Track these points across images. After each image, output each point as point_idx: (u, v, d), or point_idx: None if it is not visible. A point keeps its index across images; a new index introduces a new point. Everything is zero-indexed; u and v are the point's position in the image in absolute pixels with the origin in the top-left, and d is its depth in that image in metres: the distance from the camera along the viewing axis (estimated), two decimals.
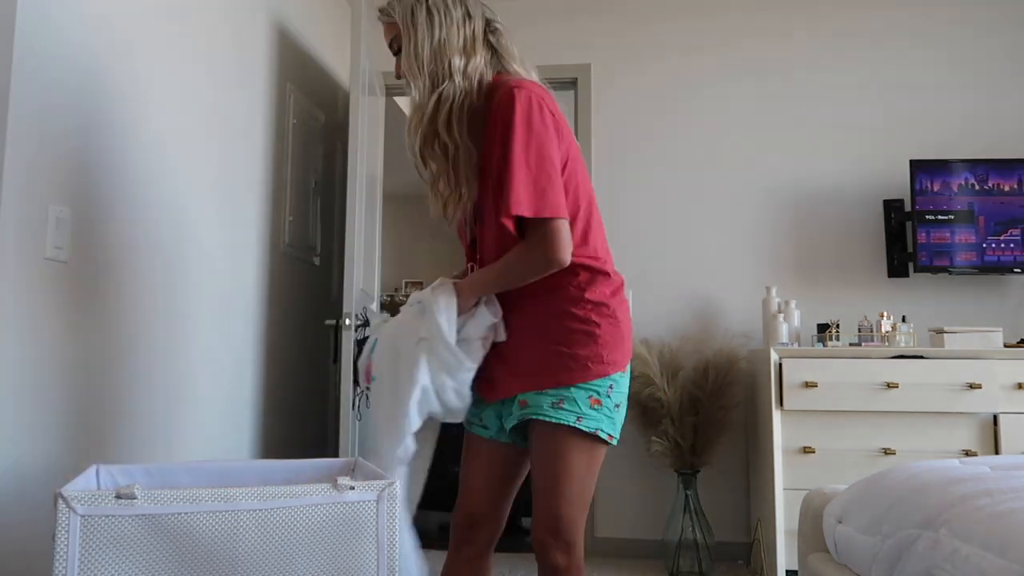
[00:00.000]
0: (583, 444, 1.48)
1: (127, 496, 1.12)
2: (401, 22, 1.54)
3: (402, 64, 1.56)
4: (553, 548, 1.45)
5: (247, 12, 2.73)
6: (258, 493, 1.15)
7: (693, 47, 3.65)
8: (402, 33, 1.54)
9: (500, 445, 1.58)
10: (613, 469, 3.49)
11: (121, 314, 1.97)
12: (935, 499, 1.44)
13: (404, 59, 1.54)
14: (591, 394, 1.47)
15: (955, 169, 3.28)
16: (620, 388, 1.53)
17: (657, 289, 3.55)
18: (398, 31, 1.55)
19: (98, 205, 1.87)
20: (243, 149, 2.70)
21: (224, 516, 1.13)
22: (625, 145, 3.65)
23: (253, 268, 2.79)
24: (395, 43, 1.58)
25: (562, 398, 1.46)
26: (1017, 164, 3.26)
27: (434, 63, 1.52)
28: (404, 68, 1.55)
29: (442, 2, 1.55)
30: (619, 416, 1.53)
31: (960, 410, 2.86)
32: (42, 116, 1.67)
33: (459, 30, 1.55)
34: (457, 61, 1.52)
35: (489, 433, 1.58)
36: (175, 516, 1.12)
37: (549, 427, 1.46)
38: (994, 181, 3.26)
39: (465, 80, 1.52)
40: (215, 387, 2.48)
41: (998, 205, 3.25)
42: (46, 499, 1.61)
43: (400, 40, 1.55)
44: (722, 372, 3.24)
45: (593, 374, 1.48)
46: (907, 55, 3.53)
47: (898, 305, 3.38)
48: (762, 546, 3.07)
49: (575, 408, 1.46)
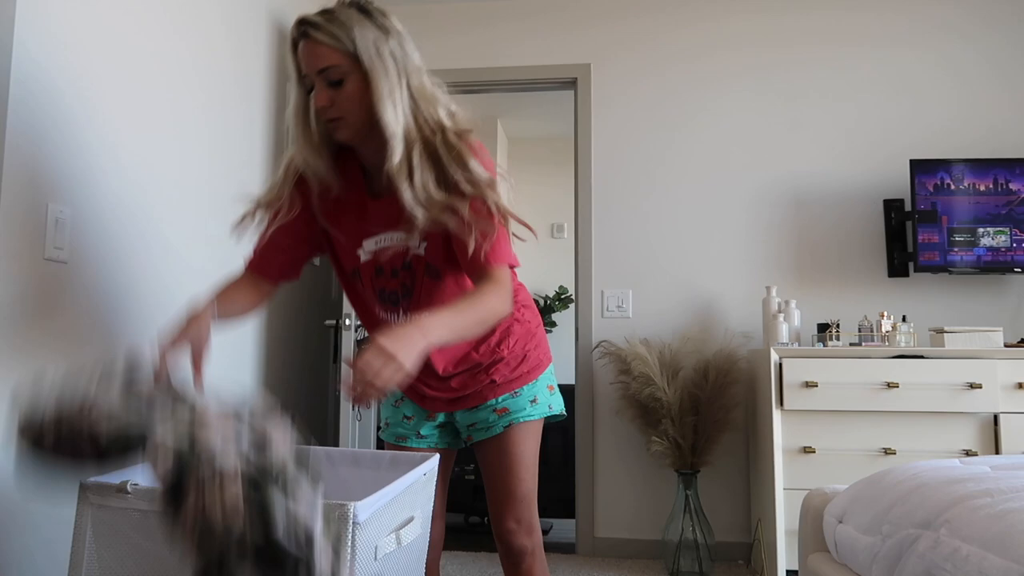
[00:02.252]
0: (538, 428, 1.65)
1: (123, 491, 1.18)
2: (364, 55, 1.35)
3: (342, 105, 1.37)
4: (518, 533, 1.60)
5: (247, 12, 2.73)
6: None
7: (693, 47, 3.65)
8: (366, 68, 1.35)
9: (438, 451, 1.67)
10: (613, 469, 3.49)
11: (121, 315, 1.97)
12: (935, 499, 1.44)
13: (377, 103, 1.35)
14: (547, 383, 1.66)
15: (956, 169, 3.28)
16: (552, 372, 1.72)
17: (657, 289, 3.55)
18: (340, 62, 1.35)
19: (98, 205, 1.87)
20: (243, 149, 2.70)
21: None
22: (625, 145, 3.65)
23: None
24: (331, 73, 1.35)
25: (535, 395, 1.63)
26: (1018, 164, 3.26)
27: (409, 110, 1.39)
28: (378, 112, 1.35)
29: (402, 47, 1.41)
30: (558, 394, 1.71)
31: (960, 410, 2.86)
32: (42, 116, 1.67)
33: (419, 78, 1.42)
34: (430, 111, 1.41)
35: (427, 443, 1.68)
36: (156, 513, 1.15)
37: (526, 424, 1.61)
38: (994, 181, 3.26)
39: (431, 132, 1.41)
40: (215, 387, 2.48)
41: (998, 205, 3.25)
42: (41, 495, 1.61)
43: (337, 72, 1.35)
44: (722, 372, 3.24)
45: (544, 366, 1.67)
46: (907, 55, 3.53)
47: (898, 305, 3.38)
48: (762, 546, 3.07)
49: (545, 398, 1.64)
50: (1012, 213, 3.23)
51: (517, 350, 1.62)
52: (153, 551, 1.17)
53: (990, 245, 3.23)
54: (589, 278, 3.59)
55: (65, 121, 1.75)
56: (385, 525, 1.23)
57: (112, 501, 1.19)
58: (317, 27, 1.35)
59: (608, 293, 3.58)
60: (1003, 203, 3.24)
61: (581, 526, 3.48)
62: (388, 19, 1.42)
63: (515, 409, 1.60)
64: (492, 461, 1.62)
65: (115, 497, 1.19)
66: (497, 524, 1.61)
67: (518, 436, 1.60)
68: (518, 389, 1.61)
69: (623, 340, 3.45)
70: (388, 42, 1.38)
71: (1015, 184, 3.25)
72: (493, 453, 1.61)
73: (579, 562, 3.31)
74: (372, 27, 1.37)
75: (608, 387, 3.50)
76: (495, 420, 1.60)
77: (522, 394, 1.61)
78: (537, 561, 1.62)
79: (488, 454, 1.62)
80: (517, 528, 1.60)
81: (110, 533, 1.19)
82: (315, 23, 1.36)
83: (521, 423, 1.60)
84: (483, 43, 3.74)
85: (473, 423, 1.63)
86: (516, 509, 1.60)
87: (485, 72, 3.75)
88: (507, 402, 1.60)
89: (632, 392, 3.30)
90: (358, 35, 1.35)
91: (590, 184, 3.62)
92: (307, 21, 1.37)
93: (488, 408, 1.60)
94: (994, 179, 3.26)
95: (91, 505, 1.20)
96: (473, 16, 3.76)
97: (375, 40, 1.36)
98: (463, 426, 1.65)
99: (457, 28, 3.79)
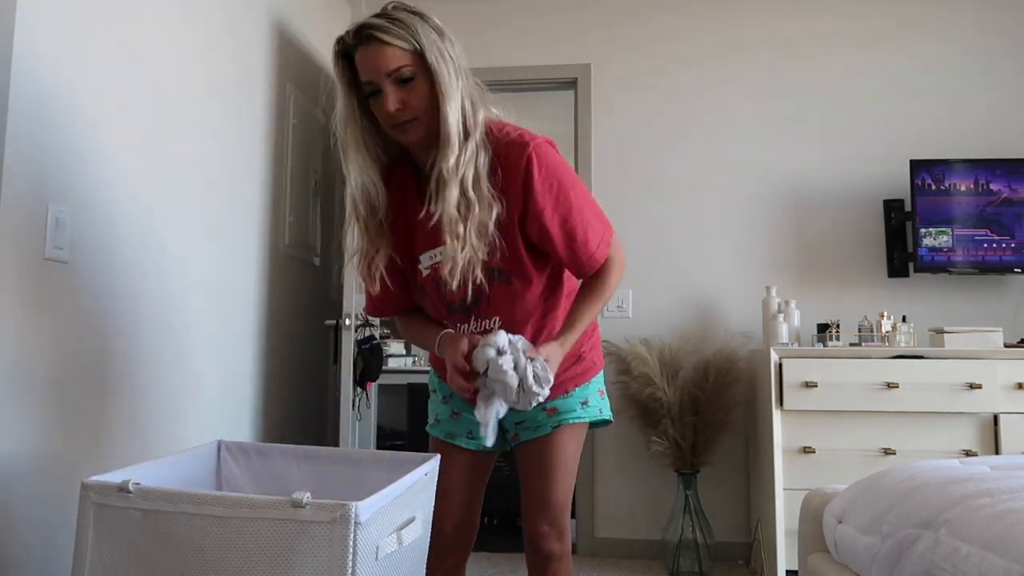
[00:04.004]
0: (582, 433, 1.63)
1: (124, 490, 1.18)
2: (430, 55, 1.37)
3: (414, 105, 1.38)
4: (549, 537, 1.57)
5: (247, 12, 2.73)
6: (223, 500, 1.15)
7: (693, 47, 3.65)
8: (432, 67, 1.37)
9: (481, 454, 1.67)
10: (613, 469, 3.49)
11: (121, 315, 1.97)
12: (935, 499, 1.44)
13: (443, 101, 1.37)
14: (598, 387, 1.66)
15: (956, 169, 3.28)
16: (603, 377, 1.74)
17: (657, 289, 3.55)
18: (410, 62, 1.37)
19: (98, 205, 1.87)
20: (243, 149, 2.70)
21: (195, 519, 1.15)
22: (625, 145, 3.65)
23: (253, 268, 2.79)
24: (403, 72, 1.37)
25: (586, 397, 1.62)
26: (1018, 164, 3.26)
27: (462, 111, 1.40)
28: (443, 112, 1.37)
29: (454, 48, 1.44)
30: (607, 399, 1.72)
31: (960, 410, 2.86)
32: (42, 116, 1.67)
33: (470, 81, 1.46)
34: (480, 115, 1.45)
35: (477, 444, 1.63)
36: (159, 513, 1.16)
37: (574, 426, 1.60)
38: (995, 181, 3.26)
39: (481, 135, 1.44)
40: (215, 387, 2.48)
41: (998, 205, 3.25)
42: (42, 494, 1.61)
43: (408, 71, 1.37)
44: (722, 372, 3.24)
45: (597, 368, 1.67)
46: (908, 55, 3.53)
47: (898, 305, 3.38)
48: (762, 546, 3.07)
49: (596, 402, 1.64)
50: (993, 214, 3.23)
51: (573, 350, 1.58)
52: (155, 551, 1.17)
53: (989, 246, 3.23)
54: None
55: (65, 121, 1.75)
56: (387, 525, 1.23)
57: (113, 500, 1.19)
58: (383, 29, 1.37)
59: None
60: (992, 203, 3.24)
61: (581, 526, 3.48)
62: (435, 21, 1.44)
63: (565, 410, 1.58)
64: (534, 462, 1.59)
65: (116, 496, 1.19)
66: (529, 526, 1.59)
67: (564, 438, 1.58)
68: (571, 390, 1.59)
69: (623, 340, 3.45)
70: (445, 42, 1.41)
71: (998, 183, 3.25)
72: (536, 453, 1.59)
73: (579, 562, 3.31)
74: (430, 28, 1.40)
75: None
76: (544, 420, 1.58)
77: (573, 395, 1.59)
78: (564, 566, 1.60)
79: (531, 454, 1.60)
80: (549, 532, 1.57)
81: (112, 532, 1.19)
82: (380, 26, 1.37)
83: (570, 424, 1.58)
84: (483, 43, 3.74)
85: (521, 421, 1.60)
86: (551, 513, 1.57)
87: (485, 72, 3.70)
88: (557, 402, 1.58)
89: (632, 392, 3.30)
90: (422, 34, 1.38)
91: (590, 184, 3.61)
92: (370, 25, 1.38)
93: (538, 407, 1.55)
94: (989, 179, 3.26)
95: (92, 504, 1.20)
96: (473, 16, 3.76)
97: (436, 40, 1.40)
98: (511, 424, 1.62)
99: (457, 28, 3.74)
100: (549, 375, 1.39)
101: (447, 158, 1.38)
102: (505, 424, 1.63)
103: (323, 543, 1.12)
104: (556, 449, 1.57)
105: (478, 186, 1.40)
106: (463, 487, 1.65)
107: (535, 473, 1.59)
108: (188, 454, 1.53)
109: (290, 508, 1.12)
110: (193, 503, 1.16)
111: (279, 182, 3.02)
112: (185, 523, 1.16)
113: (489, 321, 1.54)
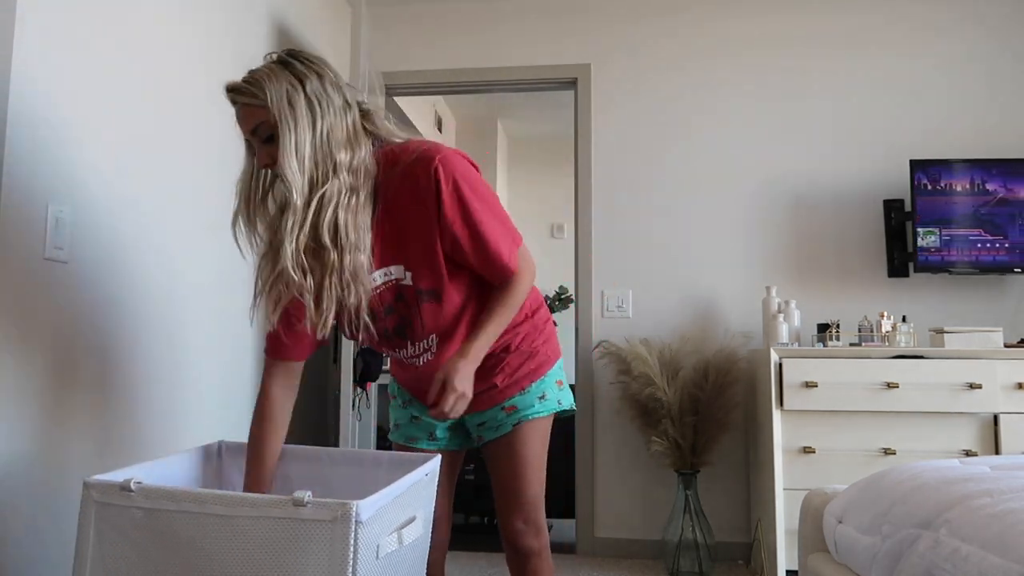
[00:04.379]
0: (546, 427, 1.64)
1: (126, 489, 1.18)
2: (276, 110, 1.31)
3: (278, 159, 1.32)
4: (526, 534, 1.60)
5: (247, 12, 2.73)
6: (225, 499, 1.15)
7: (693, 47, 3.65)
8: (278, 123, 1.31)
9: (448, 453, 1.70)
10: (613, 469, 3.49)
11: (120, 314, 1.97)
12: (935, 499, 1.44)
13: (281, 154, 1.31)
14: (556, 379, 1.66)
15: (955, 169, 3.28)
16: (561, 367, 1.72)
17: (657, 289, 3.55)
18: (266, 118, 1.33)
19: (98, 205, 1.87)
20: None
21: (197, 518, 1.15)
22: (625, 145, 3.65)
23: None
24: (261, 130, 1.35)
25: (543, 392, 1.62)
26: (1018, 164, 3.26)
27: (315, 160, 1.33)
28: (280, 165, 1.31)
29: (321, 89, 1.36)
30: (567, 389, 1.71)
31: (960, 410, 2.86)
32: (42, 116, 1.67)
33: (342, 120, 1.37)
34: (343, 156, 1.36)
35: (438, 444, 1.68)
36: (161, 512, 1.17)
37: (535, 421, 1.61)
38: (995, 181, 3.26)
39: (351, 175, 1.36)
40: (215, 387, 2.48)
41: (997, 205, 3.25)
42: (43, 493, 1.61)
43: (267, 127, 1.34)
44: (722, 372, 3.24)
45: (552, 361, 1.66)
46: (907, 54, 3.53)
47: (898, 305, 3.38)
48: (762, 546, 3.07)
49: (553, 394, 1.64)
50: (993, 214, 3.23)
51: (524, 346, 1.62)
52: (156, 550, 1.17)
53: (989, 246, 3.23)
54: (589, 278, 3.59)
55: (65, 121, 1.75)
56: (387, 524, 1.23)
57: (115, 499, 1.19)
58: (239, 91, 1.35)
59: (608, 293, 3.58)
60: (991, 203, 3.24)
61: (581, 526, 3.48)
62: (311, 64, 1.37)
63: (523, 406, 1.60)
64: (501, 461, 1.61)
65: (118, 495, 1.19)
66: (504, 524, 1.61)
67: (527, 435, 1.60)
68: (526, 387, 1.60)
69: (623, 340, 3.45)
70: (307, 85, 1.34)
71: (997, 183, 3.25)
72: (502, 453, 1.61)
73: (579, 562, 3.31)
74: (288, 76, 1.34)
75: (608, 387, 3.50)
76: (504, 418, 1.60)
77: (530, 391, 1.61)
78: (544, 562, 1.62)
79: (497, 454, 1.62)
80: (525, 529, 1.60)
81: (114, 531, 1.19)
82: (237, 87, 1.35)
83: (531, 420, 1.60)
84: (483, 43, 3.74)
85: (482, 422, 1.63)
86: (524, 510, 1.60)
87: (485, 72, 3.75)
88: (515, 400, 1.60)
89: (632, 392, 3.30)
90: (271, 89, 1.32)
91: (590, 184, 3.62)
92: (231, 87, 1.36)
93: (496, 407, 1.60)
94: (989, 180, 3.26)
95: (95, 503, 1.20)
96: (473, 16, 3.76)
97: (288, 91, 1.32)
98: (472, 426, 1.65)
99: (457, 28, 3.79)
100: None
101: (285, 220, 1.33)
102: (467, 425, 1.67)
103: (324, 542, 1.12)
104: (520, 447, 1.59)
105: (336, 233, 1.35)
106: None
107: (504, 473, 1.61)
108: (189, 454, 1.53)
109: (291, 507, 1.12)
110: (195, 502, 1.16)
111: None
112: (187, 522, 1.16)
113: (427, 341, 1.54)
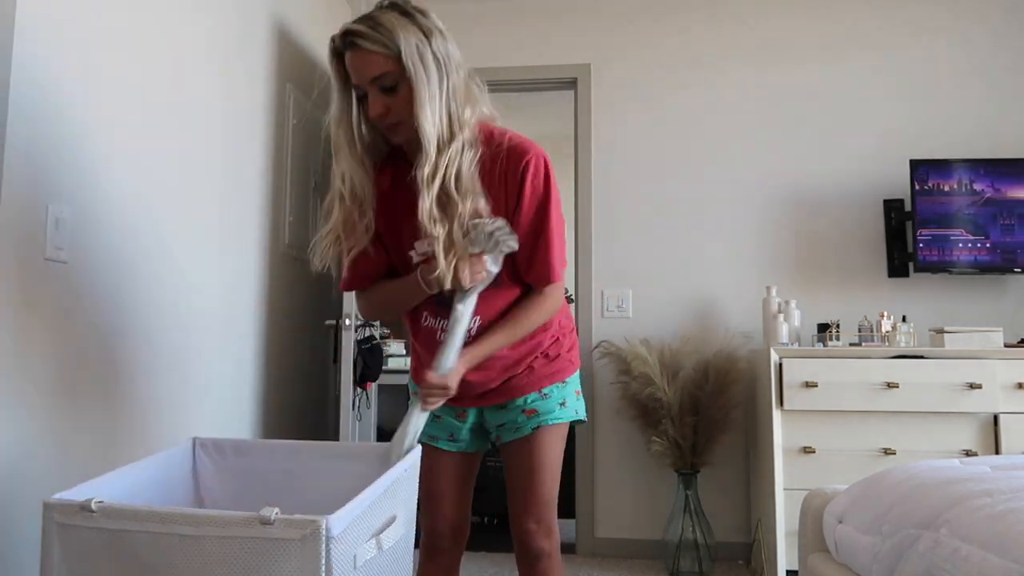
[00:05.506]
0: (563, 432, 1.65)
1: (87, 509, 1.13)
2: (410, 63, 1.36)
3: (399, 110, 1.39)
4: (537, 535, 1.60)
5: (247, 12, 2.73)
6: (190, 518, 1.11)
7: (693, 47, 3.65)
8: (412, 76, 1.36)
9: (466, 455, 1.70)
10: (613, 469, 3.49)
11: (121, 315, 1.97)
12: (935, 499, 1.44)
13: (417, 106, 1.36)
14: (575, 388, 1.67)
15: (956, 169, 3.28)
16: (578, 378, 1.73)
17: (657, 289, 3.55)
18: (392, 68, 1.37)
19: (98, 205, 1.87)
20: (243, 149, 2.70)
21: (162, 538, 1.11)
22: (625, 145, 3.65)
23: (253, 268, 2.79)
24: (386, 79, 1.38)
25: (564, 398, 1.63)
26: (1018, 164, 3.26)
27: (447, 114, 1.40)
28: (416, 116, 1.37)
29: (445, 47, 1.42)
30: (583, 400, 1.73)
31: (960, 410, 2.86)
32: (42, 116, 1.67)
33: (462, 79, 1.44)
34: (467, 113, 1.43)
35: (459, 446, 1.68)
36: (124, 533, 1.12)
37: (554, 427, 1.61)
38: (995, 181, 3.26)
39: (471, 132, 1.44)
40: (215, 386, 2.48)
41: (998, 205, 3.25)
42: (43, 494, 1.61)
43: (391, 78, 1.38)
44: (722, 372, 3.24)
45: (573, 368, 1.68)
46: (908, 54, 3.53)
47: (898, 305, 3.38)
48: (762, 546, 3.07)
49: (572, 403, 1.65)
50: (993, 214, 3.23)
51: (552, 350, 1.63)
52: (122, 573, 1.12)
53: (989, 246, 3.23)
54: (589, 278, 3.59)
55: (66, 121, 1.75)
56: (364, 532, 1.18)
57: (77, 520, 1.13)
58: (364, 36, 1.37)
59: (608, 293, 3.58)
60: (990, 202, 3.24)
61: (581, 526, 3.48)
62: (429, 18, 1.43)
63: (544, 411, 1.60)
64: (517, 462, 1.62)
65: (80, 515, 1.13)
66: (516, 524, 1.61)
67: (545, 438, 1.60)
68: (546, 389, 1.61)
69: (623, 340, 3.45)
70: (433, 42, 1.40)
71: (996, 183, 3.25)
72: (519, 454, 1.61)
73: (579, 562, 3.31)
74: (415, 29, 1.39)
75: (608, 387, 3.49)
76: (524, 421, 1.60)
77: (552, 396, 1.61)
78: (554, 564, 1.62)
79: (514, 455, 1.62)
80: (536, 529, 1.60)
81: (76, 556, 1.14)
82: (362, 32, 1.37)
83: (550, 425, 1.60)
84: (483, 43, 3.74)
85: (502, 423, 1.63)
86: (537, 511, 1.59)
87: (485, 72, 3.70)
88: (536, 403, 1.60)
89: (632, 392, 3.30)
90: (402, 39, 1.36)
91: (590, 184, 3.62)
92: (353, 31, 1.38)
93: (517, 409, 1.60)
94: (988, 179, 3.26)
95: (55, 524, 1.14)
96: (473, 16, 3.76)
97: (418, 44, 1.38)
98: (492, 426, 1.66)
99: (457, 28, 3.75)
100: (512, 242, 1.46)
101: (421, 167, 1.39)
102: (487, 426, 1.67)
103: (294, 560, 1.07)
104: (539, 450, 1.60)
105: (460, 183, 1.41)
106: (453, 488, 1.68)
107: (520, 474, 1.61)
108: (163, 455, 1.48)
109: (259, 526, 1.07)
110: (159, 521, 1.10)
111: (279, 182, 3.02)
112: (152, 543, 1.10)
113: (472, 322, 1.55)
